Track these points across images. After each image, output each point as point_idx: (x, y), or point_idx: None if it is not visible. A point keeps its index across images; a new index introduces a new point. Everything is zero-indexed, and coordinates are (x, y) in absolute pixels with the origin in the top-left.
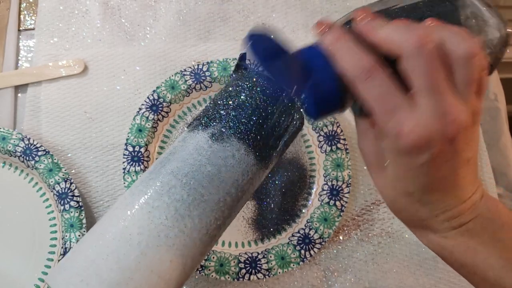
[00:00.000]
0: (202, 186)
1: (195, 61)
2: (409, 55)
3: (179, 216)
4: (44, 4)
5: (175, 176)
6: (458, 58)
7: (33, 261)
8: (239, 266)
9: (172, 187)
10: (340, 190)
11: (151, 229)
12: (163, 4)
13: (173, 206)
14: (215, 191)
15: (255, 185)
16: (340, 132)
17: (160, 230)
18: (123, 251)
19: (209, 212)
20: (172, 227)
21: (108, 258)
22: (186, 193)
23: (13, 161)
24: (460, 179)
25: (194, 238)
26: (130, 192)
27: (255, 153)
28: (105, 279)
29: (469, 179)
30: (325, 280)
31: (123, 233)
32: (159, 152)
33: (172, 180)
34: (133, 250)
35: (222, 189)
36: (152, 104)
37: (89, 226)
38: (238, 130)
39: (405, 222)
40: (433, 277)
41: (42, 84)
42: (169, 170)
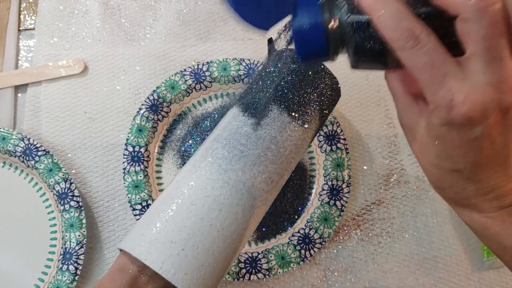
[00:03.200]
0: (241, 144)
1: (195, 61)
2: (469, 16)
3: (222, 171)
4: (44, 4)
5: (216, 141)
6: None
7: (33, 261)
8: (239, 266)
9: (214, 149)
10: (340, 190)
11: (198, 183)
12: (163, 4)
13: (216, 163)
14: (254, 146)
15: (300, 144)
16: (340, 132)
17: (206, 183)
18: (176, 204)
19: (251, 166)
20: (216, 180)
21: (164, 211)
22: (226, 151)
23: (13, 161)
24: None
25: (241, 190)
26: (187, 163)
27: (288, 111)
28: (161, 228)
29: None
30: (325, 280)
31: (176, 190)
32: (159, 152)
33: (214, 144)
34: (184, 202)
35: (261, 145)
36: (152, 104)
37: (89, 226)
38: (268, 95)
39: (449, 200)
40: (433, 277)
41: (42, 84)
42: (212, 138)
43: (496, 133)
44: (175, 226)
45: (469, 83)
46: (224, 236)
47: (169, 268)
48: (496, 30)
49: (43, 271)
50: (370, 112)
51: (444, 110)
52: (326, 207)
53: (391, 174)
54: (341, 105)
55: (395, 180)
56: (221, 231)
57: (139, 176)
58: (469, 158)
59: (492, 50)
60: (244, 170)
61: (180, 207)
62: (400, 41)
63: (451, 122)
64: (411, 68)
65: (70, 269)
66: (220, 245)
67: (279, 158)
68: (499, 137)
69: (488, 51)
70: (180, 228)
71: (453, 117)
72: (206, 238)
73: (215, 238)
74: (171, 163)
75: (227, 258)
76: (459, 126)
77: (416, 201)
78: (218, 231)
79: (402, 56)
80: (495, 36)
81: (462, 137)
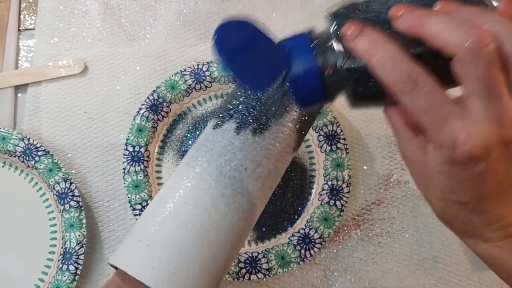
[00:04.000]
0: (207, 140)
1: (195, 61)
2: (464, 57)
3: (188, 166)
4: (44, 4)
5: (192, 148)
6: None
7: (33, 261)
8: (239, 265)
9: (187, 153)
10: (340, 190)
11: (176, 173)
12: (163, 4)
13: (185, 161)
14: (220, 138)
15: (277, 129)
16: (340, 132)
17: (181, 173)
18: (161, 194)
19: (217, 156)
20: (187, 171)
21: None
22: (195, 151)
23: (13, 161)
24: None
25: (207, 180)
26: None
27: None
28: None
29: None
30: (325, 280)
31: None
32: (159, 152)
33: (189, 152)
34: (166, 191)
35: (227, 136)
36: (152, 104)
37: (89, 226)
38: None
39: (455, 231)
40: (433, 277)
41: (42, 84)
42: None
43: (499, 166)
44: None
45: (470, 122)
46: (193, 227)
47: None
48: (492, 69)
49: (43, 271)
50: (370, 112)
51: (447, 149)
52: (326, 207)
53: (391, 174)
54: (341, 105)
55: (395, 180)
56: (191, 223)
57: (139, 176)
58: (474, 191)
59: (490, 88)
60: (210, 162)
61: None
62: (398, 84)
63: (454, 161)
64: (411, 110)
65: (70, 269)
66: (193, 237)
67: (249, 145)
68: (502, 170)
69: (486, 90)
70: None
71: (456, 156)
72: (177, 234)
73: (186, 232)
74: (171, 163)
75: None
76: (462, 164)
77: (416, 201)
78: (187, 225)
79: (401, 99)
80: (492, 75)
81: (465, 173)
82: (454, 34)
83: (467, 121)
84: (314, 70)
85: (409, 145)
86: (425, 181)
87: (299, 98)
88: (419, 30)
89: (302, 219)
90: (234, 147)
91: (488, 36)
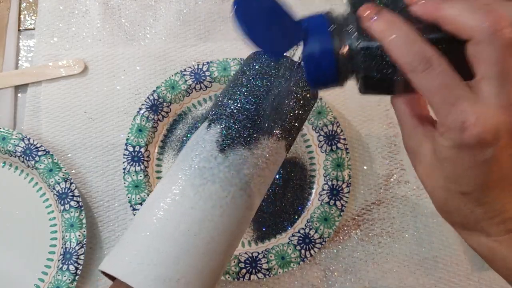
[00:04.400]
0: (188, 141)
1: (195, 61)
2: (481, 40)
3: (179, 168)
4: (44, 4)
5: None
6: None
7: (33, 261)
8: (239, 265)
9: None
10: (340, 190)
11: (169, 174)
12: (163, 4)
13: (176, 164)
14: (193, 138)
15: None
16: (340, 132)
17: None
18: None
19: (189, 151)
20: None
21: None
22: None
23: (13, 161)
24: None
25: (178, 174)
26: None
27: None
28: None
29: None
30: (325, 280)
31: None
32: (159, 152)
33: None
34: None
35: (198, 133)
36: (152, 104)
37: (89, 226)
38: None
39: (455, 224)
40: (433, 277)
41: (42, 84)
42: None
43: (506, 156)
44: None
45: (481, 106)
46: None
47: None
48: (508, 53)
49: (43, 271)
50: (370, 112)
51: (456, 132)
52: (326, 207)
53: (391, 174)
54: (341, 105)
55: (395, 180)
56: (165, 211)
57: (139, 176)
58: (478, 180)
59: (504, 73)
60: (183, 158)
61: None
62: (412, 64)
63: (462, 144)
64: (423, 91)
65: (70, 269)
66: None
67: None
68: (508, 159)
69: (501, 73)
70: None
71: (465, 139)
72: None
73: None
74: (171, 163)
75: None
76: (470, 148)
77: (416, 201)
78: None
79: (413, 79)
80: (507, 59)
81: (472, 159)
82: (471, 17)
83: (478, 105)
84: (329, 50)
85: (414, 134)
86: (428, 170)
87: (312, 77)
88: (436, 14)
89: (302, 219)
90: (205, 141)
91: (506, 20)
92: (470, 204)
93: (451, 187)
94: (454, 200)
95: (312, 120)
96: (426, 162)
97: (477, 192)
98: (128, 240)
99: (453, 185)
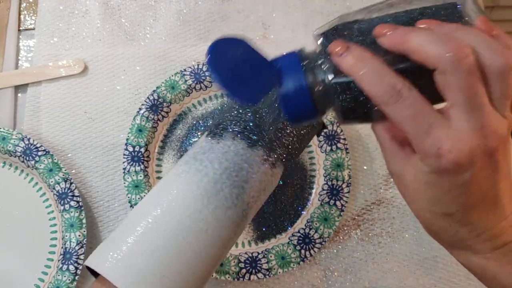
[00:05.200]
0: (195, 152)
1: (195, 61)
2: (446, 69)
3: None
4: (44, 4)
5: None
6: (494, 72)
7: (33, 261)
8: (239, 266)
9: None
10: (340, 190)
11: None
12: (163, 4)
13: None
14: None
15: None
16: (340, 132)
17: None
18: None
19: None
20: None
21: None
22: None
23: (13, 161)
24: (501, 194)
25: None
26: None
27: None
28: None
29: (508, 194)
30: (325, 280)
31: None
32: (159, 152)
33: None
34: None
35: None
36: (152, 104)
37: (89, 226)
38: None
39: (444, 243)
40: (433, 276)
41: (42, 84)
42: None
43: (483, 176)
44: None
45: (454, 131)
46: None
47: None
48: (472, 80)
49: (43, 271)
50: None
51: (432, 158)
52: (326, 207)
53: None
54: None
55: None
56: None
57: (139, 176)
58: (460, 202)
59: (471, 98)
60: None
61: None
62: (383, 97)
63: (440, 170)
64: (397, 121)
65: (70, 269)
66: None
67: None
68: (486, 179)
69: (468, 100)
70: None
71: (441, 164)
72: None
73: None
74: (171, 163)
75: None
76: (448, 173)
77: None
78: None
79: (386, 110)
80: (472, 86)
81: (451, 183)
82: (435, 48)
83: (451, 131)
84: (304, 87)
85: (396, 158)
86: (412, 193)
87: (290, 115)
88: (402, 45)
89: (302, 219)
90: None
91: (467, 48)
92: (454, 224)
93: (434, 209)
94: (439, 221)
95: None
96: (409, 185)
97: (459, 213)
98: (112, 238)
99: (436, 207)
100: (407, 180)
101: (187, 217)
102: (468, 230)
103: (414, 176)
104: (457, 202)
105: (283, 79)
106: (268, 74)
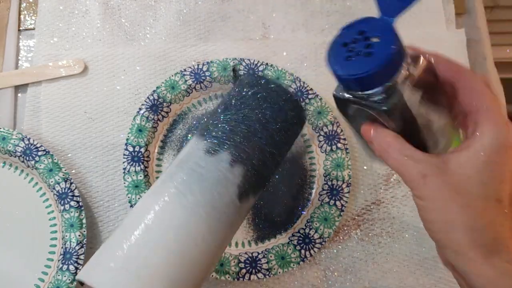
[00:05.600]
0: (199, 165)
1: (195, 61)
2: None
3: (179, 193)
4: (44, 4)
5: (176, 166)
6: None
7: (33, 261)
8: (239, 266)
9: (173, 175)
10: (340, 190)
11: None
12: (163, 4)
13: (168, 180)
14: (213, 168)
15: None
16: (340, 132)
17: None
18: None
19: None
20: (173, 202)
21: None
22: (179, 172)
23: (13, 161)
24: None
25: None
26: (149, 190)
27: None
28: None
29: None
30: (325, 280)
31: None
32: (159, 152)
33: (173, 169)
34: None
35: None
36: (152, 104)
37: (89, 226)
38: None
39: (476, 247)
40: (433, 277)
41: (42, 84)
42: (173, 164)
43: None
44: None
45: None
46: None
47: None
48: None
49: (43, 271)
50: None
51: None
52: (326, 207)
53: (391, 174)
54: None
55: (395, 180)
56: (179, 255)
57: (139, 176)
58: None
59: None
60: (203, 193)
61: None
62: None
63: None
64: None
65: (70, 269)
66: (177, 268)
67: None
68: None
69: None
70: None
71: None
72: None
73: (172, 262)
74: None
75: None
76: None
77: None
78: (176, 256)
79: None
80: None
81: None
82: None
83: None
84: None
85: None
86: (457, 184)
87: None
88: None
89: (302, 219)
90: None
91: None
92: (504, 215)
93: (489, 193)
94: (491, 211)
95: (312, 120)
96: (454, 175)
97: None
98: (102, 251)
99: (490, 190)
100: (452, 170)
101: (176, 229)
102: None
103: (466, 162)
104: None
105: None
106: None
